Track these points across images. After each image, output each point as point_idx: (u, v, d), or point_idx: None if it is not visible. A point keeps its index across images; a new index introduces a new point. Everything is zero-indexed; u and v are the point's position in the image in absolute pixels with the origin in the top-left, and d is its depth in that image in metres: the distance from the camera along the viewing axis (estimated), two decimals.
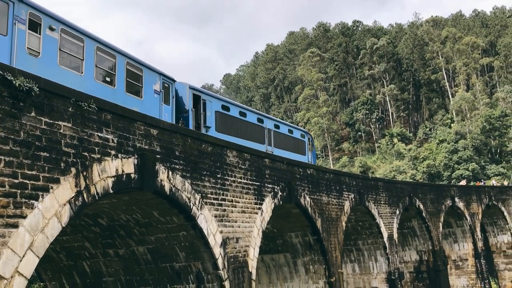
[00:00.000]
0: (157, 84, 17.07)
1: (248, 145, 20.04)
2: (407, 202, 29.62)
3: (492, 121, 73.12)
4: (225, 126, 20.98)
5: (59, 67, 13.05)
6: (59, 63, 13.11)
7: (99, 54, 14.53)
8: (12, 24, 11.53)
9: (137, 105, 15.48)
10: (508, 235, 43.22)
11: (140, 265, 13.72)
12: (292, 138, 27.40)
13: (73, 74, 13.52)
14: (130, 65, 15.89)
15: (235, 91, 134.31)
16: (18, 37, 11.70)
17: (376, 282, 26.83)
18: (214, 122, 20.25)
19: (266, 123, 24.55)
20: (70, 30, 13.50)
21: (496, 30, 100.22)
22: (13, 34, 11.58)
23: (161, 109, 17.07)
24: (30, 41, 12.09)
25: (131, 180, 10.69)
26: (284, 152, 25.07)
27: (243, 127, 22.40)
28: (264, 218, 16.28)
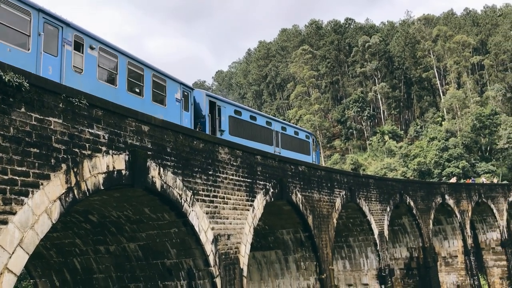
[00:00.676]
0: (178, 93, 18.59)
1: (258, 146, 21.48)
2: (398, 199, 29.80)
3: (483, 119, 73.65)
4: (238, 130, 22.41)
5: (97, 81, 14.58)
6: (98, 78, 14.64)
7: (130, 68, 16.05)
8: (61, 46, 13.22)
9: (161, 113, 16.90)
10: (497, 232, 43.66)
11: (131, 261, 13.69)
12: (297, 139, 28.64)
13: (109, 87, 15.01)
14: (155, 76, 17.42)
15: (227, 88, 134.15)
16: (66, 57, 13.37)
17: (367, 279, 26.98)
18: (228, 126, 21.73)
19: (274, 125, 25.91)
20: (106, 48, 15.10)
21: (487, 29, 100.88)
22: (62, 54, 13.26)
23: (182, 116, 18.66)
24: (75, 60, 13.72)
25: (122, 177, 10.65)
26: (290, 153, 26.35)
27: (254, 130, 23.79)
28: (255, 215, 16.30)
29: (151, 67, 17.22)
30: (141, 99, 16.34)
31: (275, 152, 24.72)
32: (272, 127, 25.70)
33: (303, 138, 29.58)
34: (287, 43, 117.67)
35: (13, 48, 11.81)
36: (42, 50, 12.62)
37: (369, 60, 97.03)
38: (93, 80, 14.35)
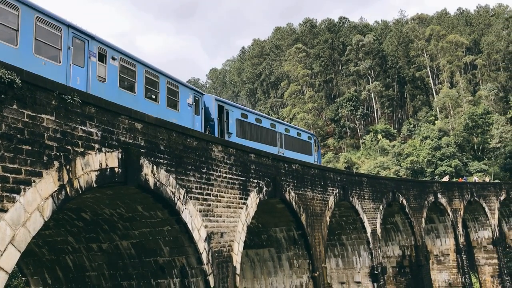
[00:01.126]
0: (189, 98, 19.72)
1: (263, 148, 22.53)
2: (391, 197, 29.93)
3: (475, 118, 74.08)
4: (244, 132, 23.47)
5: (119, 89, 15.70)
6: (119, 86, 15.77)
7: (147, 76, 17.14)
8: (87, 58, 14.35)
9: (175, 117, 17.90)
10: (489, 231, 43.98)
11: (124, 259, 13.66)
12: (300, 140, 29.66)
13: (129, 95, 16.09)
14: (169, 83, 18.50)
15: (221, 86, 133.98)
16: (92, 68, 14.49)
17: (359, 277, 27.10)
18: (235, 128, 22.77)
19: (278, 127, 26.93)
20: (126, 58, 16.24)
21: (479, 29, 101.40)
22: (88, 66, 14.38)
23: (193, 120, 19.77)
24: (99, 70, 14.84)
25: (115, 174, 10.62)
26: (293, 153, 27.35)
27: (259, 132, 24.84)
28: (249, 213, 16.32)
29: (165, 74, 18.38)
30: (156, 105, 17.48)
31: (279, 153, 25.66)
32: (276, 129, 26.72)
33: (305, 139, 30.52)
34: (281, 42, 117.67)
35: (47, 61, 12.94)
36: (71, 62, 13.79)
37: (363, 59, 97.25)
38: (115, 88, 15.48)
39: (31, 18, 12.45)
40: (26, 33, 12.26)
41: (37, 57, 12.65)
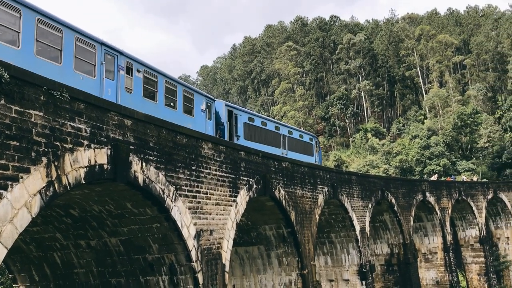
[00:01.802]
0: (203, 104, 21.23)
1: (268, 149, 24.06)
2: (380, 196, 30.11)
3: (464, 118, 74.71)
4: (251, 135, 24.85)
5: (143, 99, 17.10)
6: (143, 96, 17.16)
7: (166, 86, 18.58)
8: (117, 71, 15.81)
9: (190, 122, 19.45)
10: (476, 230, 44.43)
11: (112, 256, 13.59)
12: (302, 142, 31.06)
13: (151, 103, 17.53)
14: (186, 91, 20.02)
15: (212, 83, 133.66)
16: (120, 80, 15.92)
17: (348, 275, 27.24)
18: (243, 131, 24.25)
19: (281, 130, 28.39)
20: (149, 70, 17.63)
21: (469, 29, 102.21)
22: (118, 78, 15.83)
23: (206, 124, 21.25)
24: (126, 82, 16.27)
25: (104, 171, 10.56)
26: (296, 154, 28.76)
27: (265, 135, 26.28)
28: (238, 211, 16.32)
29: (182, 83, 20.11)
30: (175, 112, 18.91)
31: (283, 154, 27.12)
32: (280, 132, 28.16)
33: (307, 141, 31.94)
34: (272, 39, 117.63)
35: (84, 76, 14.40)
36: (104, 76, 15.23)
37: (353, 58, 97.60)
38: (139, 98, 16.90)
39: (72, 38, 14.03)
40: (68, 52, 13.87)
41: (77, 72, 14.16)
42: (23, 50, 12.31)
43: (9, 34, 12.09)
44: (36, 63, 12.53)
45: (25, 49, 12.41)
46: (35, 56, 12.75)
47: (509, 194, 49.46)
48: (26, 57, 12.27)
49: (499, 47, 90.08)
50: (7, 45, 11.93)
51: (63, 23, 13.75)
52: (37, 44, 12.85)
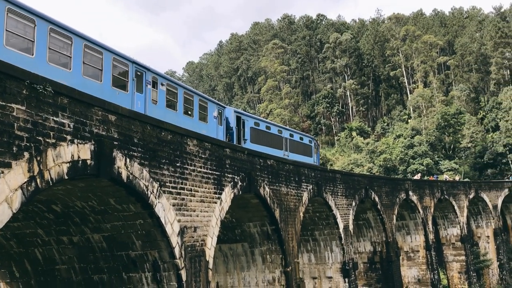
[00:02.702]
0: (215, 112, 23.17)
1: (272, 152, 25.93)
2: (363, 194, 30.34)
3: (447, 118, 75.63)
4: (257, 138, 26.62)
5: (166, 109, 19.01)
6: (166, 106, 19.15)
7: (185, 96, 20.60)
8: (145, 86, 17.74)
9: (204, 128, 21.38)
10: (458, 228, 45.06)
11: (95, 253, 13.49)
12: (302, 144, 32.76)
13: (173, 112, 19.49)
14: (201, 101, 21.99)
15: (198, 79, 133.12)
16: (148, 93, 17.83)
17: (331, 272, 27.43)
18: (249, 135, 25.93)
19: (283, 133, 30.14)
20: (170, 83, 19.81)
21: (454, 30, 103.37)
22: (146, 92, 17.76)
23: (218, 129, 23.16)
24: (152, 95, 18.20)
25: (87, 167, 10.46)
26: (296, 156, 30.46)
27: (269, 138, 28.08)
28: (223, 208, 16.31)
29: (197, 93, 22.24)
30: (192, 119, 20.83)
31: (284, 155, 28.78)
32: (282, 135, 29.93)
33: (307, 143, 33.66)
34: (259, 37, 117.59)
35: (120, 91, 16.37)
36: (134, 90, 17.16)
37: (339, 57, 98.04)
38: (163, 108, 18.79)
39: (110, 59, 15.97)
40: (107, 71, 15.76)
41: (114, 89, 16.06)
42: (74, 72, 14.32)
43: (64, 59, 14.19)
44: (84, 83, 14.36)
45: (75, 71, 14.41)
46: (83, 76, 14.71)
47: (490, 194, 50.25)
48: (76, 77, 14.28)
49: (482, 48, 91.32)
50: (61, 68, 13.96)
51: (104, 47, 15.82)
52: (84, 66, 14.87)
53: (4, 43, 11.96)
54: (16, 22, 12.31)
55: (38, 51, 12.97)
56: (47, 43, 13.35)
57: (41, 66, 12.75)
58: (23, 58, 12.30)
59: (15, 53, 12.22)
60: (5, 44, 12.01)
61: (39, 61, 12.96)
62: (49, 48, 13.42)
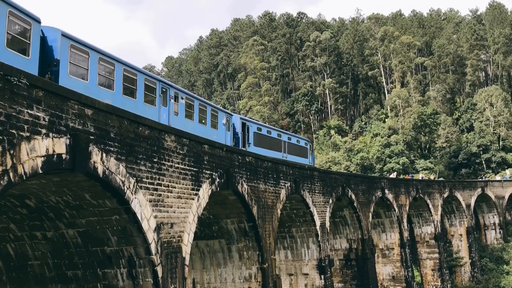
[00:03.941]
0: (224, 119, 25.73)
1: (272, 154, 28.74)
2: (340, 192, 30.63)
3: (424, 118, 76.88)
4: (259, 142, 29.11)
5: (185, 119, 21.63)
6: (185, 116, 21.78)
7: (200, 107, 23.33)
8: (168, 100, 20.27)
9: (215, 134, 24.00)
10: (432, 227, 45.89)
11: (69, 248, 13.30)
12: (298, 146, 35.27)
13: (190, 122, 22.11)
14: (212, 110, 24.71)
15: (177, 74, 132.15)
16: (170, 106, 20.43)
17: (307, 269, 27.64)
18: (253, 139, 28.53)
19: (282, 137, 32.71)
20: (188, 96, 22.50)
21: (431, 31, 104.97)
22: (169, 105, 20.30)
23: (226, 135, 25.74)
24: (174, 108, 20.85)
25: (62, 161, 10.30)
26: (294, 157, 33.03)
27: (269, 142, 30.51)
28: (200, 204, 16.26)
29: (210, 104, 25.04)
30: (205, 127, 23.46)
31: (283, 157, 31.22)
32: (281, 138, 32.43)
33: (302, 145, 36.29)
34: (239, 33, 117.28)
35: (149, 106, 18.85)
36: (161, 105, 19.66)
37: (319, 55, 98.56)
38: (183, 118, 21.41)
39: (142, 80, 18.57)
40: (140, 90, 18.34)
41: (145, 104, 18.60)
42: (116, 93, 17.02)
43: (109, 82, 16.74)
44: (123, 101, 16.88)
45: (117, 91, 17.07)
46: (122, 96, 17.28)
47: (463, 193, 51.32)
48: (117, 97, 16.84)
49: (459, 50, 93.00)
50: (107, 90, 16.51)
51: (138, 70, 18.65)
52: (124, 87, 17.45)
53: (68, 72, 14.63)
54: (75, 54, 15.00)
55: (91, 76, 15.62)
56: (97, 70, 15.94)
57: (93, 89, 15.30)
58: (80, 83, 14.98)
59: (76, 80, 14.83)
60: (69, 74, 14.65)
61: (92, 85, 15.53)
62: (98, 74, 16.04)
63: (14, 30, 12.59)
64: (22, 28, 12.87)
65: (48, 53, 14.06)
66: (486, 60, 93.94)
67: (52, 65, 14.04)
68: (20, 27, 12.83)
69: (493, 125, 74.78)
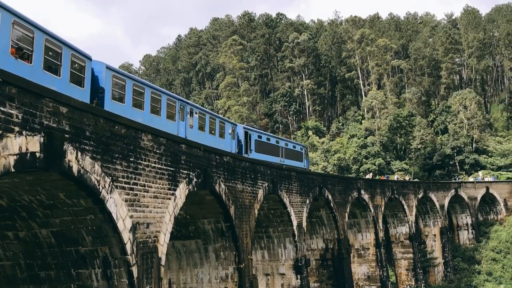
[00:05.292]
0: (230, 129, 28.47)
1: (271, 159, 31.88)
2: (317, 192, 30.85)
3: (400, 120, 78.01)
4: (260, 148, 31.75)
5: (198, 131, 24.39)
6: (198, 129, 24.54)
7: (210, 120, 26.00)
8: (185, 115, 23.08)
9: (222, 143, 26.82)
10: (406, 227, 46.62)
11: (42, 248, 13.06)
12: (294, 151, 37.98)
13: (202, 133, 24.69)
14: (220, 122, 27.38)
15: (155, 73, 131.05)
16: (187, 121, 23.22)
17: (284, 269, 27.75)
18: (254, 146, 30.99)
19: (280, 143, 35.38)
20: (201, 111, 25.34)
21: (408, 35, 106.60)
22: (186, 120, 23.09)
23: (231, 143, 28.43)
24: (190, 121, 23.54)
25: (36, 159, 10.11)
26: (290, 161, 35.63)
27: (269, 148, 33.12)
28: (177, 204, 16.17)
29: (218, 116, 27.78)
30: (214, 137, 26.17)
31: (281, 161, 33.76)
32: (279, 144, 35.08)
33: (298, 150, 39.05)
34: (219, 33, 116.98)
35: (170, 121, 21.50)
36: (179, 119, 22.47)
37: (298, 56, 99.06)
38: (196, 130, 24.20)
39: (165, 99, 21.38)
40: (163, 108, 21.16)
41: (167, 120, 21.27)
42: (146, 112, 19.69)
43: (140, 102, 19.58)
44: (151, 118, 19.65)
45: (146, 111, 19.74)
46: (150, 114, 19.93)
47: (437, 194, 52.28)
48: (146, 116, 19.46)
49: (434, 53, 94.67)
50: (138, 109, 19.22)
51: (162, 91, 21.72)
52: (151, 106, 20.19)
53: (111, 98, 17.58)
54: (116, 83, 18.07)
55: (127, 100, 18.55)
56: (132, 94, 18.86)
57: (128, 110, 18.05)
58: (120, 106, 17.82)
59: (116, 104, 17.73)
60: (111, 99, 17.57)
61: (128, 107, 18.40)
62: (132, 97, 18.92)
63: (74, 68, 15.72)
64: (80, 66, 16.01)
65: (95, 82, 16.96)
66: (460, 63, 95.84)
67: (98, 92, 16.97)
68: (79, 65, 15.97)
69: (467, 127, 76.35)
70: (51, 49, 14.44)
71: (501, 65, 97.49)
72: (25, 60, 13.31)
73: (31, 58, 13.55)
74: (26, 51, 13.36)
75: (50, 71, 14.38)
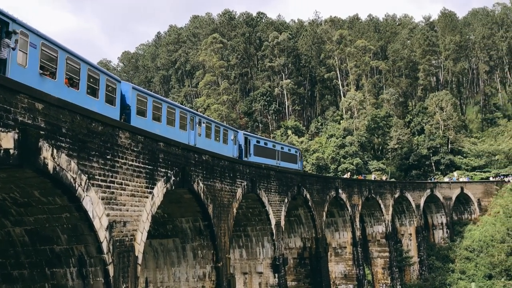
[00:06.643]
0: (232, 136, 31.09)
1: (269, 162, 34.27)
2: (296, 191, 31.00)
3: (377, 120, 78.90)
4: (258, 152, 34.18)
5: (205, 138, 26.75)
6: (205, 136, 26.88)
7: (215, 128, 28.58)
8: (195, 125, 25.46)
9: (226, 148, 29.22)
10: (383, 226, 47.20)
11: (15, 247, 12.82)
12: (289, 154, 40.63)
13: (208, 140, 27.10)
14: (224, 130, 30.00)
15: (134, 70, 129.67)
16: (196, 130, 25.57)
17: (262, 267, 27.80)
18: (253, 150, 33.43)
19: (276, 147, 38.16)
20: (208, 121, 27.92)
21: (386, 36, 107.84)
22: (195, 129, 25.44)
23: (233, 148, 30.86)
24: (198, 130, 25.95)
25: (10, 156, 9.91)
26: (286, 163, 38.35)
27: (266, 151, 35.71)
28: (154, 203, 16.05)
29: (222, 124, 30.53)
30: (218, 143, 28.55)
31: (277, 164, 36.16)
32: (276, 148, 37.76)
33: (293, 153, 41.71)
34: (199, 30, 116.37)
35: (182, 131, 23.84)
36: (190, 129, 24.91)
37: (278, 56, 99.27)
38: (203, 138, 26.43)
39: (178, 112, 23.86)
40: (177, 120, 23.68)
41: (180, 130, 23.69)
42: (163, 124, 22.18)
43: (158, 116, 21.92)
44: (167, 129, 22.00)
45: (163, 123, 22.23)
46: (166, 126, 22.43)
47: (413, 194, 53.08)
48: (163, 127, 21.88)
49: (412, 55, 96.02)
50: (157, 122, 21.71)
51: (175, 105, 24.35)
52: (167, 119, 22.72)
53: (136, 113, 20.02)
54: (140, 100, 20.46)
55: (148, 114, 20.96)
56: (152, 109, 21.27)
57: (149, 123, 20.42)
58: (143, 120, 20.13)
59: (140, 118, 20.08)
60: (136, 114, 20.01)
61: (149, 121, 20.68)
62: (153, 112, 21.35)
63: (108, 90, 18.26)
64: (112, 88, 18.56)
65: (122, 100, 19.38)
66: (437, 65, 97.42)
67: (125, 109, 19.39)
68: (111, 88, 18.53)
69: (443, 128, 77.70)
70: (92, 76, 17.17)
71: (477, 67, 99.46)
72: (74, 87, 15.89)
73: (78, 85, 16.15)
74: (75, 80, 15.94)
75: (91, 94, 17.10)
